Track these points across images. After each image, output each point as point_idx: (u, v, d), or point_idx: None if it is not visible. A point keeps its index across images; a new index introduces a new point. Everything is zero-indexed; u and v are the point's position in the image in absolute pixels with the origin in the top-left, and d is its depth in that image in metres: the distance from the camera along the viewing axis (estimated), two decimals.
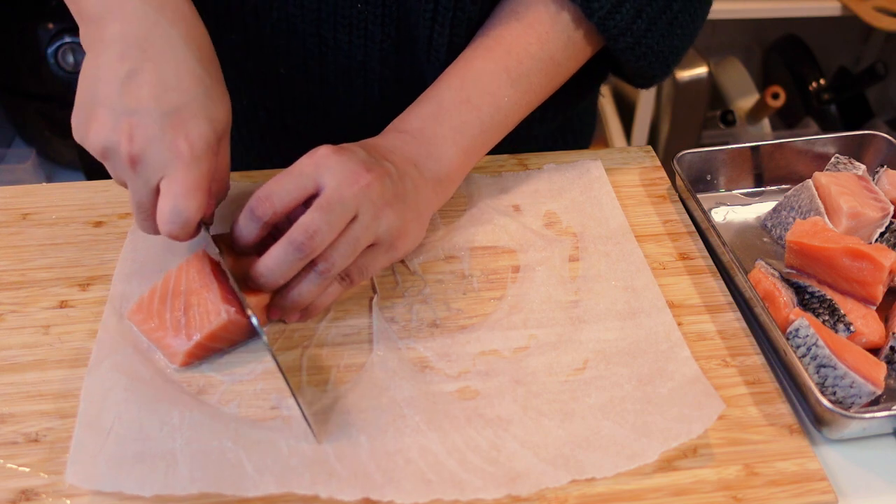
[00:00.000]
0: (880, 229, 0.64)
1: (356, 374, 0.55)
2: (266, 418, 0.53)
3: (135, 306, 0.57)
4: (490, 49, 0.63)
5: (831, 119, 2.06)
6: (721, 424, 0.53)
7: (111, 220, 0.67)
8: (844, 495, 0.50)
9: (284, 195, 0.52)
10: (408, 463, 0.50)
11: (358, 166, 0.53)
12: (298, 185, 0.52)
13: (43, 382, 0.54)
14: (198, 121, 0.52)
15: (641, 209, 0.70)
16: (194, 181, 0.52)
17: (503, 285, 0.63)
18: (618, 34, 0.63)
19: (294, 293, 0.54)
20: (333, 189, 0.52)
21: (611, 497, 0.49)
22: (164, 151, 0.51)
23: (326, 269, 0.53)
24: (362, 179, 0.52)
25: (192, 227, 0.53)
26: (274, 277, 0.53)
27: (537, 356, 0.57)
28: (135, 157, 0.51)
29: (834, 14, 1.76)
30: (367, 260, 0.56)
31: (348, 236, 0.53)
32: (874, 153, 0.73)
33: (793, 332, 0.55)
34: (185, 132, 0.51)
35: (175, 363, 0.55)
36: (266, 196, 0.52)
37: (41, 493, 0.48)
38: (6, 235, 0.66)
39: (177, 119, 0.51)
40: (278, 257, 0.52)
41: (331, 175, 0.52)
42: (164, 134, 0.51)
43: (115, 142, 0.51)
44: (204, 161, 0.52)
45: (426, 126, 0.60)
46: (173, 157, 0.51)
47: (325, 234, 0.51)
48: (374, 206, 0.53)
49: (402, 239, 0.57)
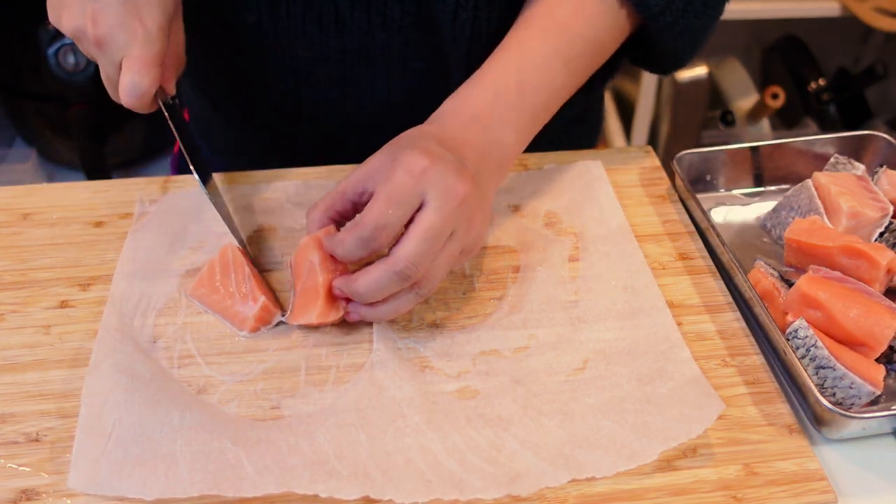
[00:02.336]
0: (880, 229, 0.64)
1: (356, 374, 0.55)
2: (266, 418, 0.53)
3: (196, 283, 0.60)
4: (544, 30, 0.63)
5: (831, 119, 2.06)
6: (721, 424, 0.53)
7: (111, 220, 0.67)
8: (844, 495, 0.51)
9: (397, 223, 0.52)
10: (407, 463, 0.50)
11: (454, 178, 0.53)
12: (407, 209, 0.52)
13: (43, 382, 0.55)
14: (150, 7, 0.58)
15: (641, 209, 0.70)
16: (149, 59, 0.58)
17: (503, 285, 0.63)
18: (658, 12, 0.63)
19: (388, 308, 0.55)
20: (435, 212, 0.52)
21: (610, 497, 0.49)
22: (123, 34, 0.57)
23: (427, 291, 0.55)
24: (460, 193, 0.53)
25: (147, 98, 0.59)
26: (372, 297, 0.54)
27: (537, 356, 0.57)
28: (99, 39, 0.58)
29: (833, 14, 1.76)
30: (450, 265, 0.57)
31: (447, 257, 0.54)
32: (873, 153, 0.73)
33: (792, 333, 0.55)
34: (140, 17, 0.58)
35: (245, 329, 0.58)
36: (382, 227, 0.52)
37: (42, 492, 0.48)
38: (7, 235, 0.66)
39: (132, 5, 0.58)
40: (381, 282, 0.53)
41: (433, 191, 0.52)
42: (123, 19, 0.57)
43: (82, 26, 0.58)
44: (157, 41, 0.58)
45: (485, 112, 0.60)
46: (130, 38, 0.57)
47: (428, 262, 0.52)
48: (467, 220, 0.54)
49: (482, 239, 0.58)
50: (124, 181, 0.71)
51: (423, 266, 0.52)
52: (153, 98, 0.60)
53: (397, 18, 0.68)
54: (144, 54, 0.58)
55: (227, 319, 0.59)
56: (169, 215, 0.67)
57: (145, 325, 0.58)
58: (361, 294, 0.54)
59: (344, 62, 0.72)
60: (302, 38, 0.70)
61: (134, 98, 0.59)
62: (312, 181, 0.72)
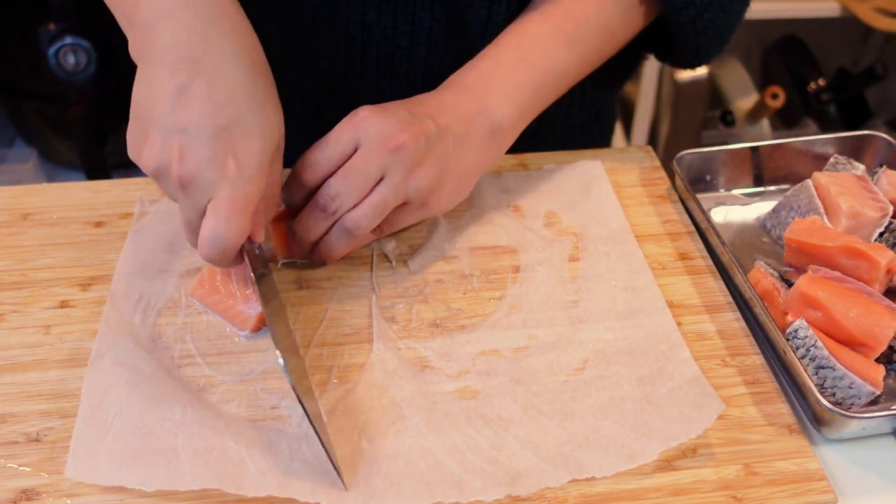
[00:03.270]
0: (879, 229, 0.64)
1: (356, 375, 0.55)
2: (266, 418, 0.53)
3: (196, 283, 0.60)
4: (548, 13, 0.64)
5: (831, 119, 2.06)
6: (721, 424, 0.53)
7: (112, 220, 0.67)
8: (844, 495, 0.51)
9: (324, 162, 0.56)
10: (408, 464, 0.50)
11: (393, 127, 0.55)
12: (336, 151, 0.56)
13: (43, 382, 0.55)
14: (249, 139, 0.50)
15: (641, 209, 0.70)
16: (240, 203, 0.49)
17: (503, 285, 0.63)
18: (681, 7, 0.64)
19: (323, 246, 0.59)
20: (359, 154, 0.55)
21: (610, 497, 0.49)
22: (212, 173, 0.49)
23: (353, 227, 0.56)
24: (393, 141, 0.55)
25: (230, 253, 0.50)
26: (306, 235, 0.58)
27: (537, 356, 0.57)
28: (184, 179, 0.49)
29: (833, 14, 1.76)
30: (398, 216, 0.60)
31: (374, 198, 0.56)
32: (873, 153, 0.73)
33: (792, 333, 0.55)
34: (235, 151, 0.49)
35: (247, 329, 0.58)
36: (309, 163, 0.56)
37: (42, 492, 0.48)
38: (7, 235, 0.66)
39: (227, 138, 0.49)
40: (307, 217, 0.57)
41: (364, 135, 0.55)
42: (214, 154, 0.49)
43: (166, 162, 0.49)
44: (253, 182, 0.50)
45: (482, 81, 0.61)
46: (221, 178, 0.49)
47: (345, 198, 0.55)
48: (403, 168, 0.55)
49: (436, 197, 0.59)
50: (124, 181, 0.71)
51: (341, 199, 0.55)
52: (238, 253, 0.52)
53: (426, 26, 0.68)
54: (235, 199, 0.49)
55: (227, 320, 0.59)
56: (169, 215, 0.67)
57: (145, 325, 0.58)
58: (297, 231, 0.58)
59: (365, 71, 0.72)
60: (326, 48, 0.70)
61: (215, 252, 0.50)
62: None
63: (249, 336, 0.58)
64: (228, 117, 0.49)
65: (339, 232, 0.57)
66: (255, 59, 0.52)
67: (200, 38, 0.50)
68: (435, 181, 0.58)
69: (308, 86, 0.74)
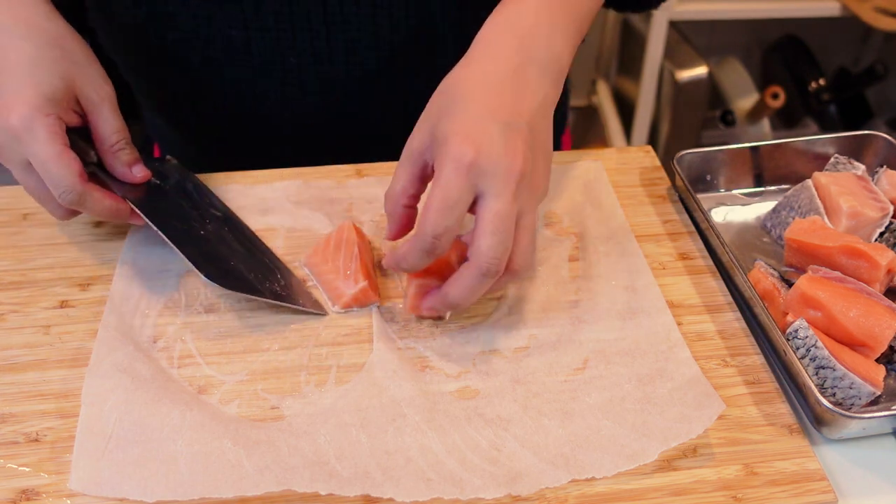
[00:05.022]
0: (880, 229, 0.64)
1: (356, 374, 0.55)
2: (266, 418, 0.53)
3: (312, 251, 0.63)
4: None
5: (831, 119, 2.06)
6: (721, 424, 0.53)
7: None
8: (844, 495, 0.50)
9: (454, 225, 0.51)
10: (408, 462, 0.50)
11: (505, 160, 0.50)
12: (462, 208, 0.51)
13: (43, 382, 0.55)
14: (22, 95, 0.56)
15: (641, 209, 0.70)
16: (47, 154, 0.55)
17: None
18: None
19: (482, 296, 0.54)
20: (495, 200, 0.50)
21: (611, 497, 0.49)
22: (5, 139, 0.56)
23: (526, 271, 0.54)
24: (515, 172, 0.51)
25: (77, 189, 0.57)
26: (468, 302, 0.53)
27: (537, 356, 0.57)
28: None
29: (834, 14, 1.76)
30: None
31: (525, 233, 0.52)
32: (874, 153, 0.73)
33: (792, 333, 0.55)
34: (8, 112, 0.55)
35: (338, 304, 0.60)
36: (442, 233, 0.51)
37: (42, 492, 0.48)
38: (7, 235, 0.66)
39: (3, 100, 0.56)
40: (472, 286, 0.52)
41: (486, 182, 0.50)
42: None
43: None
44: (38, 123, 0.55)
45: (539, 21, 0.56)
46: (12, 138, 0.56)
47: (508, 248, 0.51)
48: (529, 190, 0.52)
49: (547, 185, 0.56)
50: None
51: (505, 255, 0.51)
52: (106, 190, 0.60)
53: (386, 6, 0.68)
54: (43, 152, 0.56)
55: (325, 291, 0.61)
56: None
57: (145, 325, 0.58)
58: (458, 304, 0.53)
59: (332, 59, 0.72)
60: (291, 46, 0.70)
61: (66, 199, 0.57)
62: (312, 181, 0.72)
63: (339, 311, 0.60)
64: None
65: (509, 281, 0.54)
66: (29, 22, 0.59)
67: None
68: (547, 174, 0.55)
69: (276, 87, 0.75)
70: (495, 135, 0.51)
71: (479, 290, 0.52)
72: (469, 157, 0.50)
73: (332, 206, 0.69)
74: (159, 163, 0.68)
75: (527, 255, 0.53)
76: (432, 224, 0.50)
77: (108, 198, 0.60)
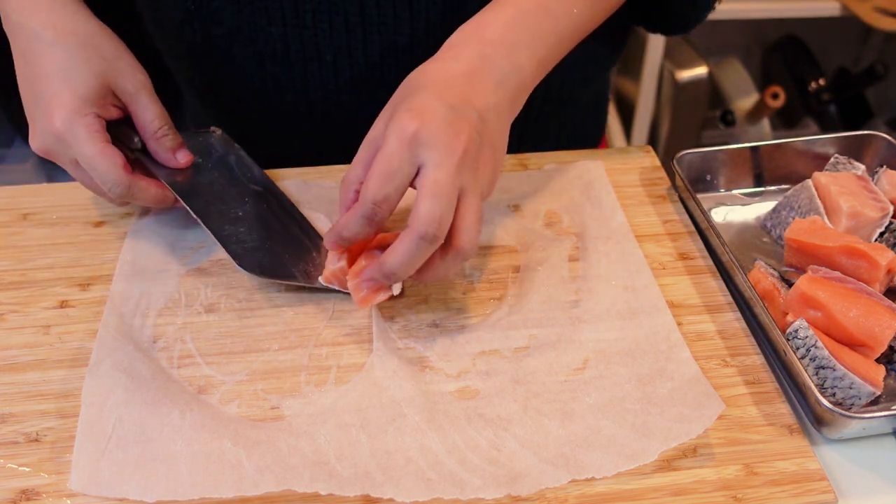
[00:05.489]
0: (880, 229, 0.64)
1: (356, 374, 0.55)
2: (266, 418, 0.53)
3: None
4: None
5: (831, 119, 2.06)
6: (721, 424, 0.53)
7: (111, 220, 0.67)
8: (844, 495, 0.51)
9: (395, 193, 0.52)
10: (408, 462, 0.50)
11: (448, 134, 0.51)
12: (402, 178, 0.52)
13: (43, 382, 0.55)
14: (59, 99, 0.59)
15: (641, 209, 0.70)
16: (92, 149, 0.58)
17: (503, 285, 0.63)
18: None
19: (431, 277, 0.54)
20: (435, 169, 0.51)
21: (611, 497, 0.49)
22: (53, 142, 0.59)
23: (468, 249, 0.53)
24: (457, 148, 0.51)
25: (122, 181, 0.59)
26: (406, 270, 0.52)
27: (537, 356, 0.57)
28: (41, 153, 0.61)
29: (834, 14, 1.76)
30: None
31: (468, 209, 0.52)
32: (874, 153, 0.73)
33: (792, 333, 0.55)
34: (50, 117, 0.58)
35: (322, 278, 0.60)
36: (382, 200, 0.52)
37: (41, 492, 0.48)
38: (6, 235, 0.66)
39: (44, 106, 0.59)
40: (409, 251, 0.51)
41: (427, 153, 0.51)
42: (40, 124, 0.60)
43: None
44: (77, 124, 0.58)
45: (504, 37, 0.57)
46: (58, 140, 0.59)
47: (447, 217, 0.51)
48: (472, 170, 0.53)
49: (496, 178, 0.56)
50: None
51: (444, 221, 0.51)
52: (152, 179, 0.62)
53: (423, 9, 0.67)
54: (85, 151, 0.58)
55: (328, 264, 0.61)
56: (169, 215, 0.67)
57: (145, 325, 0.58)
58: (396, 272, 0.52)
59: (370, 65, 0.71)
60: (328, 43, 0.70)
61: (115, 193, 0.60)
62: (312, 181, 0.72)
63: (321, 285, 0.60)
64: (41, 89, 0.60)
65: (454, 260, 0.53)
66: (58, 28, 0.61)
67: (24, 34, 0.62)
68: (495, 171, 0.55)
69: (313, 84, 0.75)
70: (441, 112, 0.52)
71: (418, 258, 0.52)
72: (412, 128, 0.51)
73: (332, 205, 0.69)
74: (204, 136, 0.69)
75: (471, 232, 0.52)
76: (373, 190, 0.51)
77: (154, 186, 0.62)
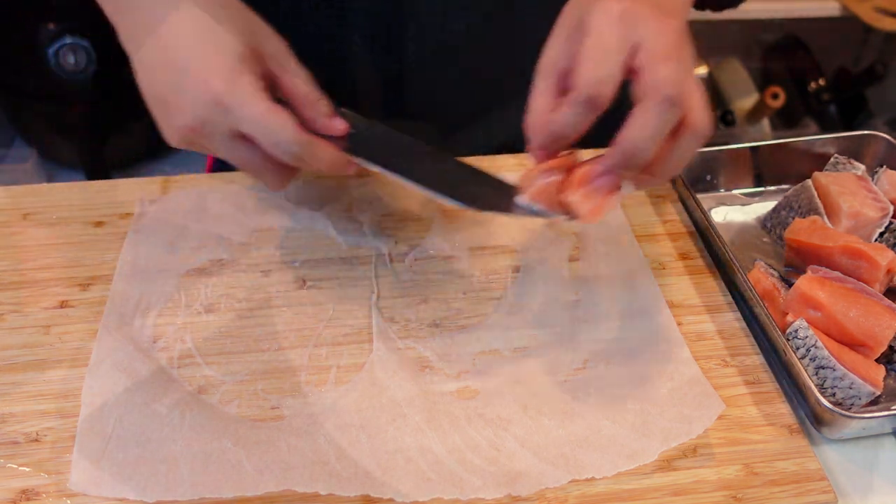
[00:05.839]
0: (880, 229, 0.64)
1: (356, 374, 0.55)
2: (266, 418, 0.53)
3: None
4: None
5: (831, 119, 2.06)
6: (721, 424, 0.53)
7: (111, 220, 0.67)
8: (844, 495, 0.51)
9: (616, 72, 0.46)
10: (408, 462, 0.50)
11: (658, 12, 0.46)
12: (621, 55, 0.46)
13: (43, 382, 0.55)
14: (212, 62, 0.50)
15: (641, 209, 0.70)
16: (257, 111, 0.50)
17: (503, 285, 0.63)
18: None
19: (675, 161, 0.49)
20: (656, 38, 0.46)
21: (611, 497, 0.49)
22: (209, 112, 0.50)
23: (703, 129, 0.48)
24: (672, 25, 0.46)
25: (301, 139, 0.51)
26: (652, 144, 0.46)
27: (537, 356, 0.57)
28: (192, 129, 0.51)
29: (834, 14, 1.76)
30: None
31: (697, 93, 0.47)
32: (874, 153, 0.73)
33: (792, 333, 0.55)
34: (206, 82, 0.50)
35: (528, 195, 0.51)
36: (603, 79, 0.45)
37: (42, 492, 0.48)
38: (6, 235, 0.66)
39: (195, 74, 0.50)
40: (654, 120, 0.45)
41: (643, 27, 0.46)
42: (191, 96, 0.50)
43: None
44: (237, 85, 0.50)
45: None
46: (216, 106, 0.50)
47: (686, 83, 0.46)
48: (689, 52, 0.48)
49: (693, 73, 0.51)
50: (124, 181, 0.71)
51: (686, 85, 0.45)
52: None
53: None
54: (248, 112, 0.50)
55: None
56: (169, 215, 0.67)
57: (145, 326, 0.58)
58: (641, 148, 0.46)
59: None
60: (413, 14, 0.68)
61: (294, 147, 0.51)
62: (312, 181, 0.72)
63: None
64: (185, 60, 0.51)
65: (690, 141, 0.48)
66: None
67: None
68: (692, 72, 0.49)
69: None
70: (644, 2, 0.47)
71: (662, 127, 0.46)
72: (619, 7, 0.46)
73: (332, 205, 0.69)
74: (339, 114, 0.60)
75: (703, 110, 0.47)
76: (591, 71, 0.45)
77: (332, 147, 0.54)
